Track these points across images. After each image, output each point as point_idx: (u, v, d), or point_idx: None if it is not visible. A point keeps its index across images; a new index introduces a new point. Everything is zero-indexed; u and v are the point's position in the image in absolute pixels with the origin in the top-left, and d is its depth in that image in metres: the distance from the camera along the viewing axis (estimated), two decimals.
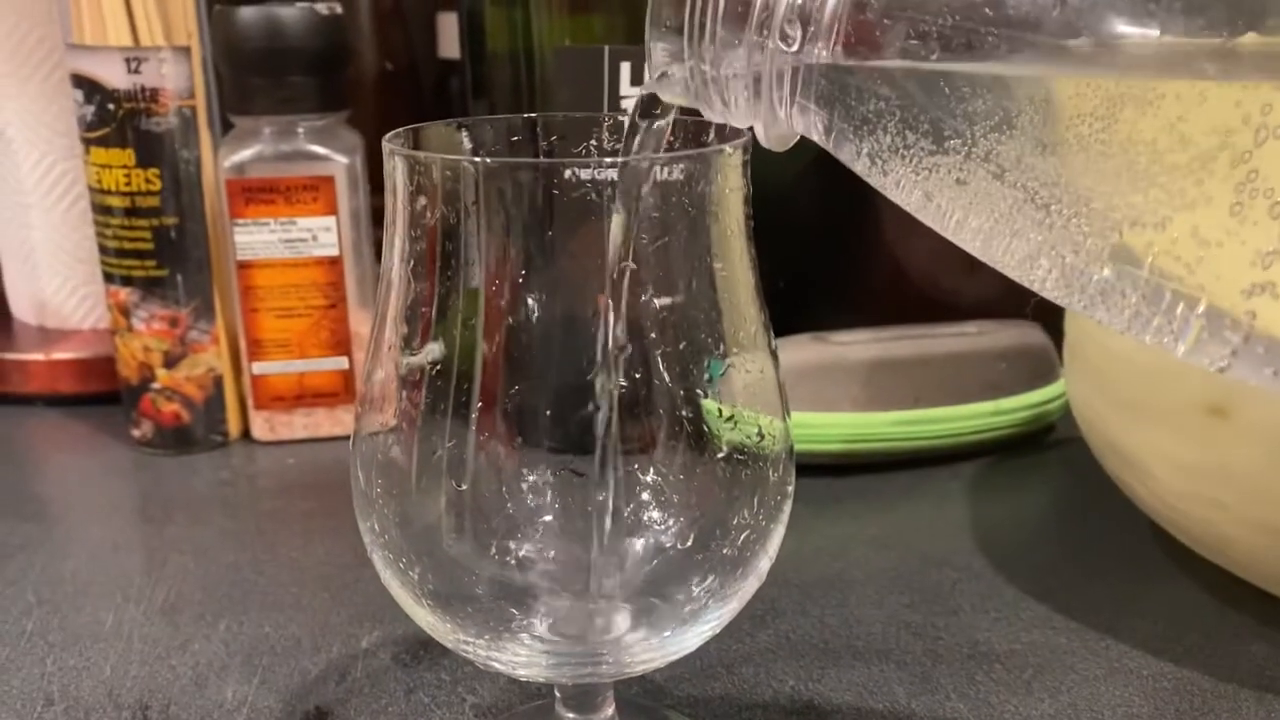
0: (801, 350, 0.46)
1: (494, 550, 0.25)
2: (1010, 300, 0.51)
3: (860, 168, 0.19)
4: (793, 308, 0.52)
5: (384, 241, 0.23)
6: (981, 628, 0.36)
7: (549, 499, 0.25)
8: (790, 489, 0.26)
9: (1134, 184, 0.15)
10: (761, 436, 0.24)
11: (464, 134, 0.25)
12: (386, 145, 0.22)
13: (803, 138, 0.21)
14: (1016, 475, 0.47)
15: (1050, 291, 0.17)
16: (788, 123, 0.20)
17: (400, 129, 0.24)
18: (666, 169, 0.22)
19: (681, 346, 0.23)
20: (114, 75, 0.45)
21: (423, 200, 0.22)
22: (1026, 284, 0.18)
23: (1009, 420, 0.48)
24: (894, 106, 0.18)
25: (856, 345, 0.47)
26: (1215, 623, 0.36)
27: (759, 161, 0.51)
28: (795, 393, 0.45)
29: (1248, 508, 0.32)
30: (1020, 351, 0.48)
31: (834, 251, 0.52)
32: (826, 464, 0.46)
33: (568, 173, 0.22)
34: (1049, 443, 0.50)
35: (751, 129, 0.21)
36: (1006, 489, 0.46)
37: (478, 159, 0.21)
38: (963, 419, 0.47)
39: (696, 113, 0.22)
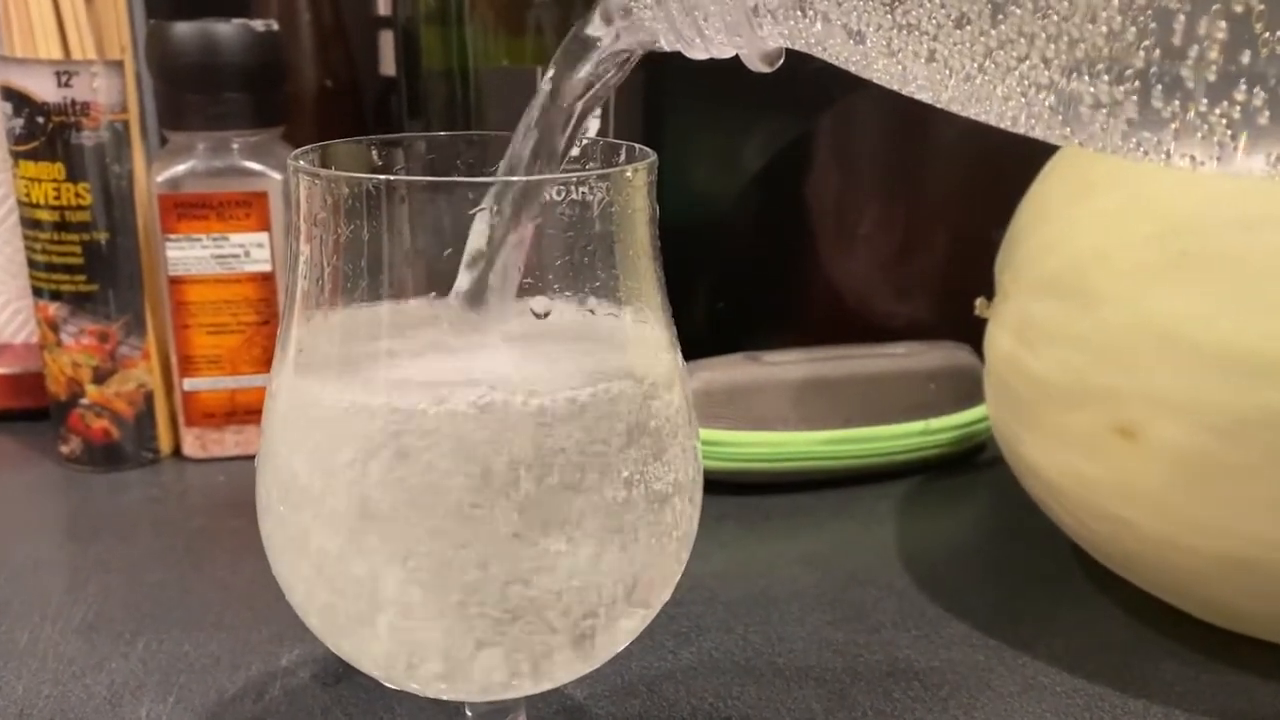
0: (734, 369, 0.47)
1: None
2: (940, 322, 0.52)
3: (852, 53, 0.18)
4: (730, 328, 0.52)
5: (288, 258, 0.23)
6: (901, 645, 0.37)
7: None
8: (695, 509, 0.26)
9: None
10: None
11: (373, 151, 0.25)
12: (290, 163, 0.23)
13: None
14: (945, 495, 0.48)
15: (1090, 125, 0.15)
16: (768, 34, 0.19)
17: (308, 146, 0.24)
18: (571, 188, 0.22)
19: None
20: (44, 88, 0.44)
21: (324, 217, 0.22)
22: (1058, 134, 0.15)
23: (938, 440, 0.48)
24: None
25: (788, 365, 0.47)
26: (1128, 639, 0.37)
27: (697, 187, 0.51)
28: (727, 411, 0.46)
29: (1152, 525, 0.32)
30: (949, 372, 0.49)
31: (770, 274, 0.53)
32: (757, 482, 0.47)
33: (471, 191, 0.22)
34: (978, 462, 0.51)
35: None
36: (935, 508, 0.47)
37: (379, 177, 0.21)
38: (892, 438, 0.47)
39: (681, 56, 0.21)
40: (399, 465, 0.22)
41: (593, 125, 0.24)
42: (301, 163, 0.23)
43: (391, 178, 0.21)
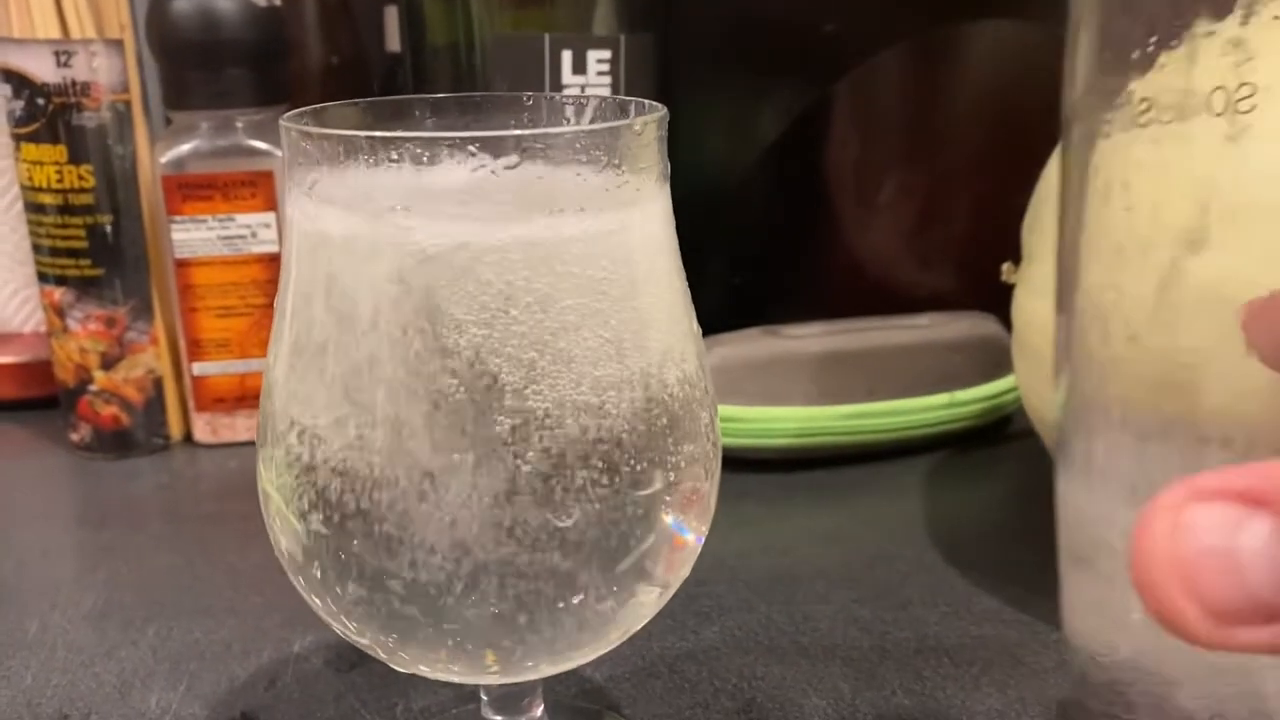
0: (753, 344, 0.46)
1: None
2: (964, 292, 0.50)
3: None
4: (748, 302, 0.51)
5: (285, 227, 0.22)
6: (930, 622, 0.35)
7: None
8: (714, 485, 0.25)
9: None
10: None
11: (369, 114, 0.24)
12: (283, 123, 0.22)
13: None
14: (971, 468, 0.47)
15: None
16: None
17: (301, 109, 0.23)
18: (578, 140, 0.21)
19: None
20: (43, 69, 0.43)
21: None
22: None
23: (963, 413, 0.47)
24: None
25: (808, 338, 0.46)
26: None
27: (714, 158, 0.50)
28: (747, 387, 0.45)
29: None
30: (975, 343, 0.47)
31: (788, 246, 0.52)
32: (778, 458, 0.46)
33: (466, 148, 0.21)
34: (1005, 435, 0.49)
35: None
36: (961, 482, 0.46)
37: (375, 133, 0.20)
38: (916, 412, 0.46)
39: None
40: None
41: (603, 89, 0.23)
42: (296, 122, 0.22)
43: (387, 134, 0.20)
